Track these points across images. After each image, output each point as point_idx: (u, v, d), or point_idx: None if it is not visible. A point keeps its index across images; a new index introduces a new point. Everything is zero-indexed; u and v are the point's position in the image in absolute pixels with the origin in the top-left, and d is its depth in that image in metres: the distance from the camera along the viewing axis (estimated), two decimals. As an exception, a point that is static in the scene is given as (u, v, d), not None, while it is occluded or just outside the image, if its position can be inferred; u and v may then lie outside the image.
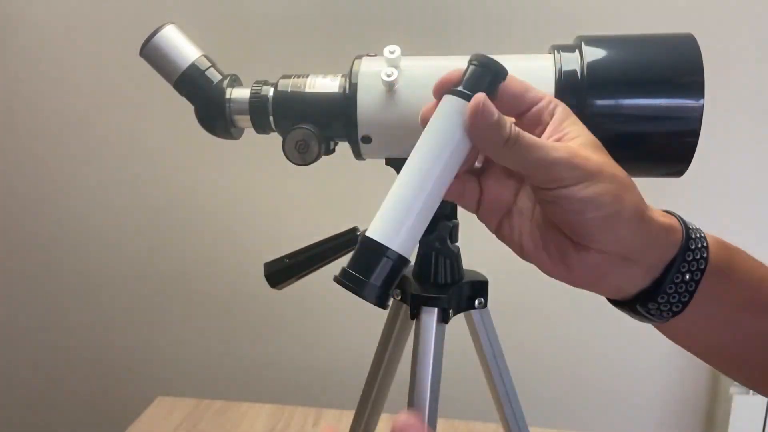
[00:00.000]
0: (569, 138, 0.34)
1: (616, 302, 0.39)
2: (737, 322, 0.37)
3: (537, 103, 0.35)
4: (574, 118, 0.35)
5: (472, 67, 0.34)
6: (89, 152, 1.12)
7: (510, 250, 0.38)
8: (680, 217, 0.36)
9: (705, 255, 0.35)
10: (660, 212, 0.35)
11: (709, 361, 0.40)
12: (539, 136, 0.35)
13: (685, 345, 0.39)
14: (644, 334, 1.07)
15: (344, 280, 0.31)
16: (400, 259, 0.32)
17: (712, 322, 0.37)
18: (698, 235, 0.35)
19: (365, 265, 0.32)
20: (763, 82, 0.95)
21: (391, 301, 0.59)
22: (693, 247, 0.34)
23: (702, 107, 0.43)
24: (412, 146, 0.34)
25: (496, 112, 0.32)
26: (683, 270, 0.34)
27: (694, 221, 0.37)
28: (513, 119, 0.36)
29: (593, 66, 0.44)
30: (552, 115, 0.35)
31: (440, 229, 0.52)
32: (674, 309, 0.35)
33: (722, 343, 0.38)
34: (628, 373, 1.11)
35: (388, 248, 0.32)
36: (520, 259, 0.38)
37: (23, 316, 1.24)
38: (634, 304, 0.36)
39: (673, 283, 0.34)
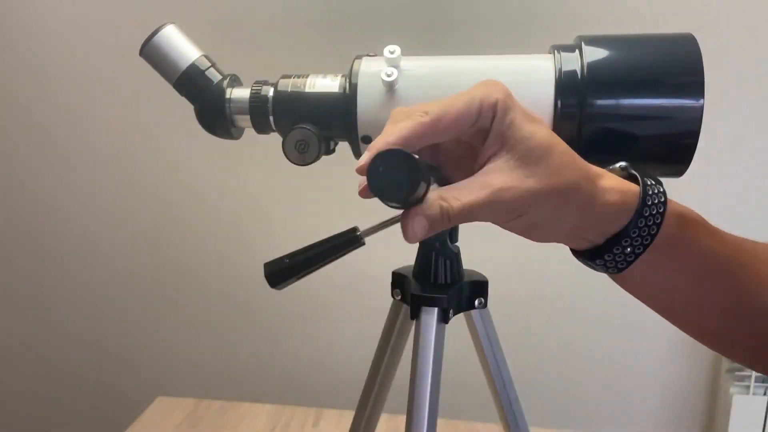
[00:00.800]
0: (489, 167, 0.33)
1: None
2: (681, 290, 0.38)
3: (471, 121, 0.33)
4: (497, 125, 0.33)
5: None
6: (88, 152, 1.12)
7: (510, 249, 0.39)
8: (644, 185, 0.35)
9: (654, 231, 0.35)
10: (616, 183, 0.35)
11: (668, 319, 0.40)
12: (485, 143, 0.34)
13: (636, 296, 0.40)
14: (644, 335, 1.08)
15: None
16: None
17: (661, 284, 0.38)
18: (654, 211, 0.35)
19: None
20: (763, 82, 0.95)
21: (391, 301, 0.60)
22: (642, 224, 0.35)
23: (702, 107, 0.43)
24: None
25: (419, 229, 0.32)
26: (625, 244, 0.35)
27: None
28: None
29: (593, 66, 0.44)
30: (490, 120, 0.33)
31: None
32: (610, 271, 0.37)
33: (674, 305, 0.39)
34: (628, 374, 1.11)
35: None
36: (520, 259, 0.38)
37: (23, 316, 1.24)
38: (577, 256, 0.39)
39: (612, 254, 0.36)
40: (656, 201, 0.35)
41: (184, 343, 1.21)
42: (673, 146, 0.45)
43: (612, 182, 0.35)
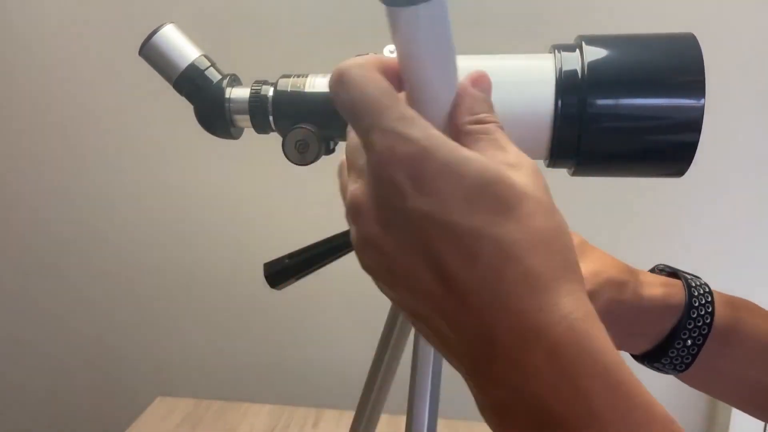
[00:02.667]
0: None
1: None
2: (748, 376, 0.38)
3: None
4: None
5: None
6: (88, 152, 1.12)
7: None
8: (685, 279, 0.36)
9: (709, 320, 0.35)
10: (656, 278, 0.36)
11: (731, 404, 0.41)
12: None
13: (703, 391, 0.40)
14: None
15: None
16: None
17: (722, 375, 0.38)
18: (702, 301, 0.36)
19: None
20: (763, 82, 0.95)
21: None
22: (695, 315, 0.35)
23: (703, 107, 0.43)
24: None
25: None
26: (684, 337, 0.36)
27: (695, 222, 0.37)
28: None
29: (594, 65, 0.44)
30: None
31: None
32: (678, 368, 0.37)
33: (736, 392, 0.39)
34: (628, 373, 1.11)
35: None
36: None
37: (23, 315, 1.24)
38: (641, 361, 0.39)
39: (675, 348, 0.36)
40: (702, 291, 0.36)
41: (184, 343, 1.21)
42: (673, 146, 0.45)
43: (652, 278, 0.36)
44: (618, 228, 1.03)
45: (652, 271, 0.39)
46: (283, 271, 0.54)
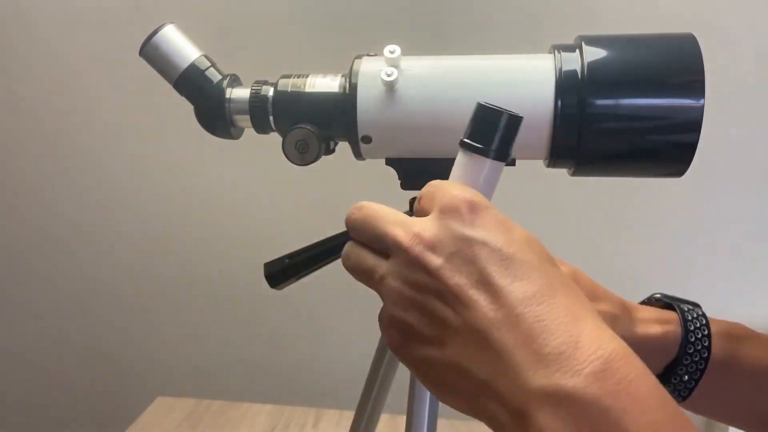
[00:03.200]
0: None
1: None
2: (748, 404, 0.38)
3: None
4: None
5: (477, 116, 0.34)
6: (87, 153, 1.12)
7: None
8: (681, 312, 0.36)
9: (705, 355, 0.35)
10: (653, 314, 0.35)
11: (734, 427, 0.40)
12: None
13: (712, 418, 0.40)
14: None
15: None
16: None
17: (722, 404, 0.38)
18: (699, 335, 0.36)
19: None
20: (763, 82, 0.95)
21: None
22: (691, 350, 0.35)
23: (702, 107, 0.43)
24: (412, 146, 0.34)
25: None
26: (680, 372, 0.36)
27: (694, 222, 0.37)
28: None
29: (594, 66, 0.44)
30: None
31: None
32: (676, 399, 0.37)
33: (738, 418, 0.39)
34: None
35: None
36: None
37: (23, 316, 1.24)
38: None
39: (672, 383, 0.36)
40: (698, 325, 0.36)
41: (184, 343, 1.21)
42: (673, 146, 0.45)
43: (648, 314, 0.35)
44: (618, 228, 1.03)
45: (648, 301, 0.39)
46: (283, 271, 0.54)
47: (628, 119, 0.45)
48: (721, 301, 1.01)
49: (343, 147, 0.52)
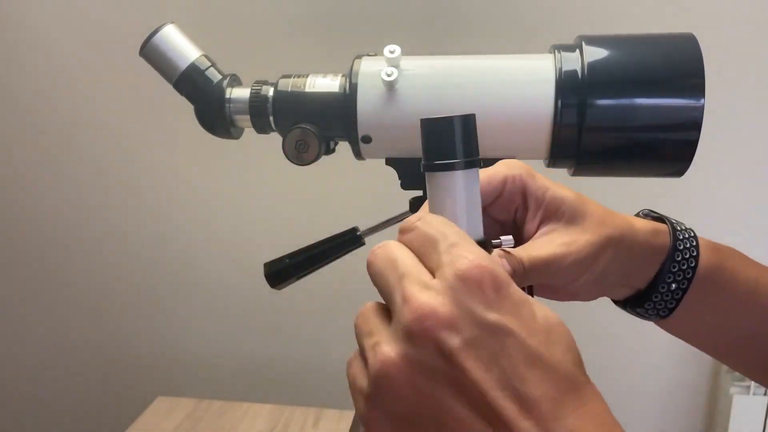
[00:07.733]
0: (543, 230, 0.34)
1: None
2: (731, 324, 0.38)
3: (502, 190, 0.34)
4: (534, 193, 0.34)
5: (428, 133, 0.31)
6: (88, 152, 1.12)
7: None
8: (670, 223, 0.37)
9: (693, 264, 0.36)
10: (647, 224, 0.36)
11: (709, 353, 0.41)
12: (515, 212, 0.35)
13: (683, 338, 0.40)
14: (644, 335, 1.08)
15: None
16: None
17: (705, 322, 0.38)
18: (687, 245, 0.36)
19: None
20: (763, 82, 0.95)
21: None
22: (679, 258, 0.36)
23: (702, 107, 0.43)
24: (412, 146, 0.34)
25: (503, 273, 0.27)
26: (668, 280, 0.36)
27: (694, 222, 0.37)
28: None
29: (594, 66, 0.44)
30: (522, 193, 0.34)
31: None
32: (661, 314, 0.37)
33: (717, 340, 0.40)
34: (628, 374, 1.11)
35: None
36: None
37: (23, 316, 1.24)
38: (624, 306, 0.39)
39: (659, 293, 0.36)
40: (687, 236, 0.36)
41: (184, 343, 1.21)
42: (673, 146, 0.45)
43: (643, 223, 0.36)
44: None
45: (637, 215, 0.39)
46: (283, 271, 0.54)
47: (628, 119, 0.45)
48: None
49: (343, 147, 0.52)
